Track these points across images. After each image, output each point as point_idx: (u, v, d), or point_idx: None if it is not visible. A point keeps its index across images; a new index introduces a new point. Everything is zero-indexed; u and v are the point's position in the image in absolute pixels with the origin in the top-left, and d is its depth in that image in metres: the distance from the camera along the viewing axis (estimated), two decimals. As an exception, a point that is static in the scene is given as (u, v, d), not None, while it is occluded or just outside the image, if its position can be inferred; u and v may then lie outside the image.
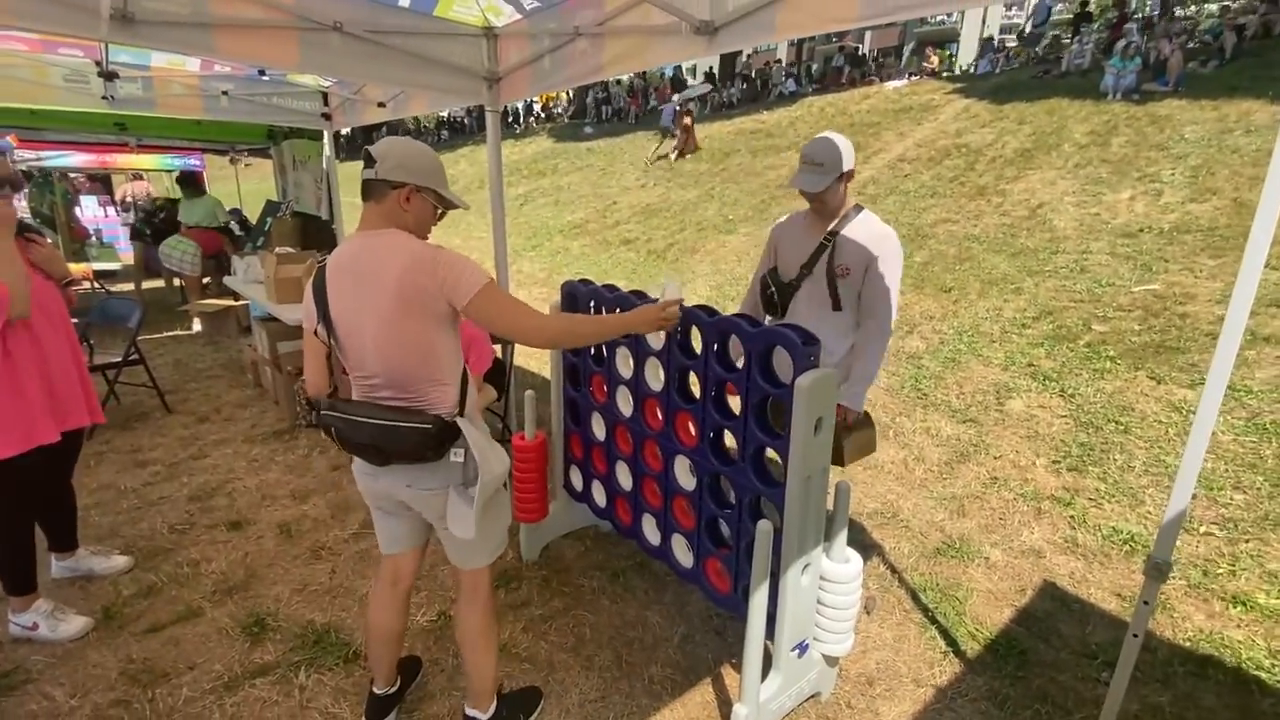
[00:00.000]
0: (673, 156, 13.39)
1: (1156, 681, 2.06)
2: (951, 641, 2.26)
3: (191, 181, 6.99)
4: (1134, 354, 4.25)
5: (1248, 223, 1.27)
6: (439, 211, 1.60)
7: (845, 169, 2.06)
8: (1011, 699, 2.01)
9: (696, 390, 2.00)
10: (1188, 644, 2.22)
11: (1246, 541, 2.70)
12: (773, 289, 2.27)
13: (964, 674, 2.12)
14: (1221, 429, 3.43)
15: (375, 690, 1.84)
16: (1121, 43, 10.47)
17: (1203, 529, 2.80)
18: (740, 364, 1.82)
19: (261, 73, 4.30)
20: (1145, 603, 1.53)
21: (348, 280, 1.47)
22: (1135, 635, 1.55)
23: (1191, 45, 10.29)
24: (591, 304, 2.34)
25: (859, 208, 2.16)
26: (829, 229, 2.14)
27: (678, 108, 14.23)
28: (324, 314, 1.50)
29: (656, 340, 2.09)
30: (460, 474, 1.52)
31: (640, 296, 2.14)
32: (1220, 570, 2.56)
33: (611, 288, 2.26)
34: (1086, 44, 12.23)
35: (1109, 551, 2.72)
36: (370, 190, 1.51)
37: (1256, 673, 2.09)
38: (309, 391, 1.68)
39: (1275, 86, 8.06)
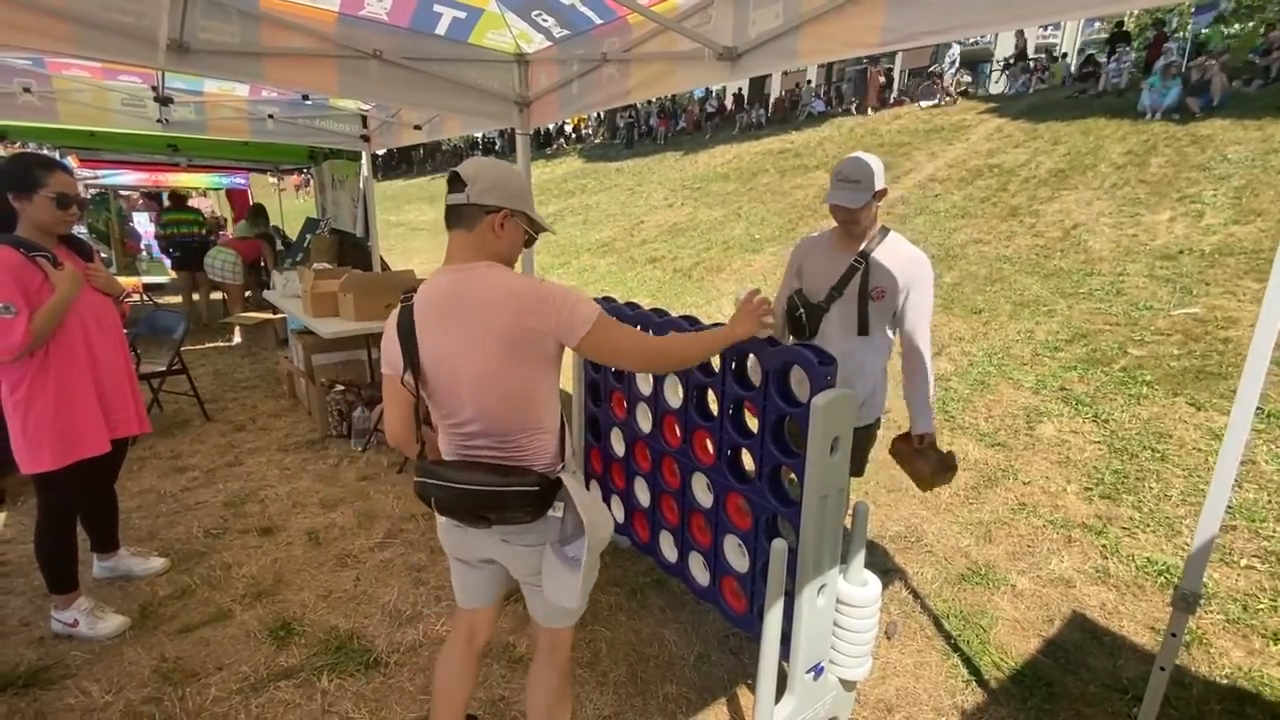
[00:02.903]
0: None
1: (1190, 719, 1.99)
2: (975, 670, 2.21)
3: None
4: (1172, 379, 4.13)
5: None
6: (528, 237, 1.46)
7: (879, 187, 2.02)
8: (1036, 732, 1.96)
9: (715, 407, 2.02)
10: (1225, 681, 2.13)
11: (1291, 576, 2.59)
12: (801, 310, 2.20)
13: (987, 704, 2.07)
14: (1265, 459, 3.30)
15: None
16: (1161, 61, 10.28)
17: (1243, 562, 2.69)
18: (758, 382, 1.84)
19: (305, 97, 4.50)
20: (1174, 635, 1.49)
21: (442, 320, 1.33)
22: (1162, 669, 1.50)
23: (1228, 62, 10.04)
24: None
25: (886, 229, 2.13)
26: (860, 250, 2.08)
27: None
28: (412, 359, 1.35)
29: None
30: (558, 531, 1.39)
31: (659, 314, 2.17)
32: (1261, 605, 2.46)
33: (633, 305, 2.30)
34: (1124, 63, 12.04)
35: (1142, 583, 2.63)
36: (459, 216, 1.36)
37: (1299, 714, 1.99)
38: (390, 442, 1.53)
39: (1324, 106, 7.82)
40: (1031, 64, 14.72)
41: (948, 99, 13.92)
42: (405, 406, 1.44)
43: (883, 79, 16.57)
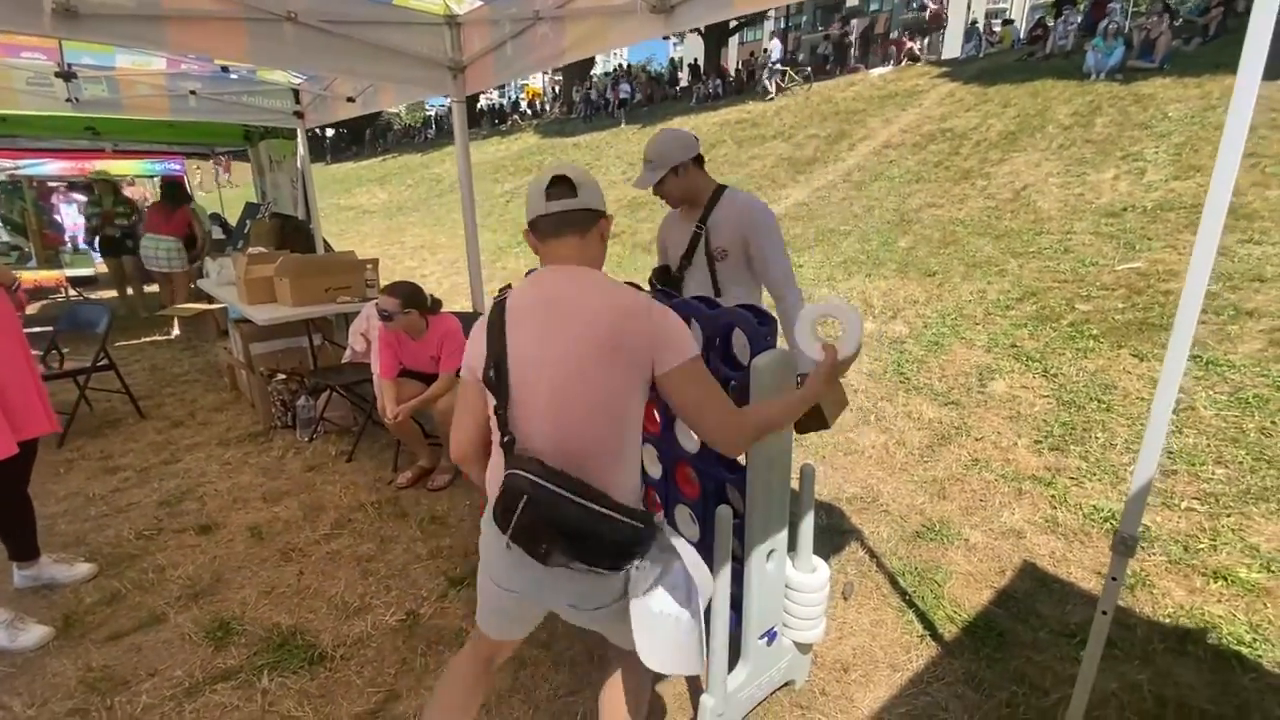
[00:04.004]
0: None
1: (1136, 659, 2.03)
2: (929, 625, 2.23)
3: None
4: (1117, 332, 4.22)
5: (1232, 198, 1.24)
6: None
7: (677, 161, 2.10)
8: (988, 681, 1.98)
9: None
10: (1167, 620, 2.19)
11: (1228, 516, 2.67)
12: (663, 283, 2.32)
13: (941, 657, 2.09)
14: (1204, 404, 3.40)
15: None
16: (1104, 22, 10.43)
17: (1184, 504, 2.77)
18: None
19: (225, 69, 4.23)
20: (1114, 579, 1.49)
21: (537, 318, 1.21)
22: (1104, 612, 1.51)
23: (1175, 23, 10.25)
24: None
25: (721, 189, 2.20)
26: (699, 218, 2.18)
27: None
28: (499, 358, 1.21)
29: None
30: (638, 586, 1.21)
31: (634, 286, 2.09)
32: (1201, 545, 2.54)
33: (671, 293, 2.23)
34: (1070, 25, 12.20)
35: (1089, 530, 2.69)
36: (572, 222, 1.26)
37: (1237, 648, 2.06)
38: (453, 456, 1.37)
39: (1257, 62, 8.03)
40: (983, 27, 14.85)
41: (901, 63, 13.97)
42: (478, 415, 1.30)
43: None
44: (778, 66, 15.81)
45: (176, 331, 6.28)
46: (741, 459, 1.72)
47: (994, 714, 1.87)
